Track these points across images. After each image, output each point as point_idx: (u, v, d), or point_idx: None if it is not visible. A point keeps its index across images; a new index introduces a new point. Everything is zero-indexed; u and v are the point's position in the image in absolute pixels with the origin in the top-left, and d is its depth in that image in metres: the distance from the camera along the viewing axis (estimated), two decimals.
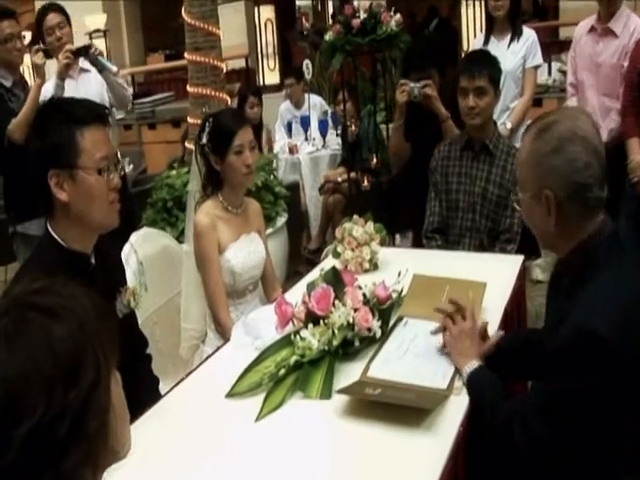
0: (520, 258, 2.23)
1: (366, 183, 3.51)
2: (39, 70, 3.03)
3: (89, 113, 1.41)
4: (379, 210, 3.31)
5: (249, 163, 2.09)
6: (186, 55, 3.54)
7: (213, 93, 3.48)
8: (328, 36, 3.39)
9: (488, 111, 2.50)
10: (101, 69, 3.38)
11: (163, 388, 1.72)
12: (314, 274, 2.01)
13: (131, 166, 5.02)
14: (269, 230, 3.36)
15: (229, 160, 2.08)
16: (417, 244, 2.92)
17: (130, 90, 3.92)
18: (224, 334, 1.99)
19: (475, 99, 2.45)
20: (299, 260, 4.15)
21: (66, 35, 3.30)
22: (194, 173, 2.27)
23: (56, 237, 1.43)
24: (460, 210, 2.57)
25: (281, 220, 3.53)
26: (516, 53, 3.40)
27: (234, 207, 2.17)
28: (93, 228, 1.46)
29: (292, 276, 3.57)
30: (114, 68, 3.48)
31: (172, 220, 3.34)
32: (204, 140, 2.11)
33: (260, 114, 4.67)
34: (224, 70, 3.61)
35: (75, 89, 3.41)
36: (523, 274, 2.23)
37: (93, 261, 1.50)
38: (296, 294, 1.80)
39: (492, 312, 1.78)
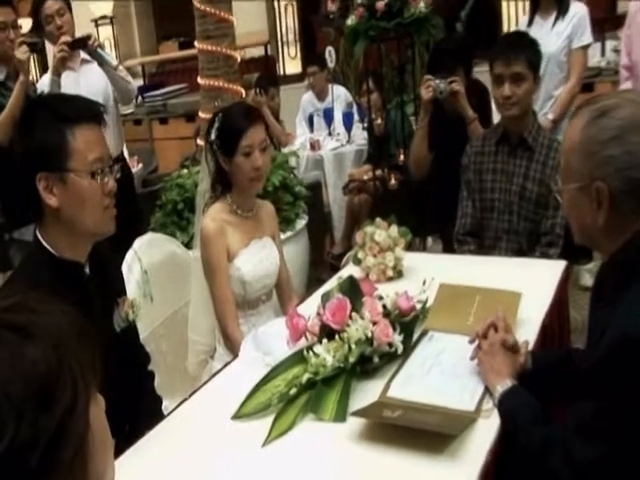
0: (562, 264, 2.19)
1: (393, 182, 3.49)
2: (23, 66, 3.04)
3: (81, 111, 1.42)
4: (408, 211, 3.30)
5: (258, 166, 2.09)
6: (196, 44, 3.56)
7: (226, 85, 3.49)
8: (350, 20, 3.38)
9: (526, 100, 2.47)
10: (101, 62, 3.42)
11: (169, 406, 1.73)
12: (332, 283, 2.00)
13: (140, 165, 5.09)
14: (288, 234, 3.37)
15: (236, 161, 2.09)
16: (448, 248, 2.90)
17: (136, 83, 3.95)
18: (233, 349, 2.00)
19: (511, 87, 2.42)
20: (322, 266, 4.14)
21: (67, 23, 3.32)
22: (204, 171, 2.29)
23: (46, 245, 1.44)
24: (495, 211, 2.54)
25: (301, 223, 3.53)
26: (560, 33, 3.33)
27: (244, 210, 2.17)
28: (86, 236, 1.47)
29: (314, 284, 3.56)
30: (114, 62, 3.52)
31: (183, 224, 3.36)
32: (212, 137, 2.12)
33: (279, 104, 4.68)
34: (238, 60, 3.63)
35: (76, 82, 3.45)
36: (566, 282, 2.19)
37: (87, 271, 1.51)
38: (314, 305, 1.79)
39: (528, 326, 1.75)
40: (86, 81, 3.48)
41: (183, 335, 2.28)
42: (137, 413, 1.65)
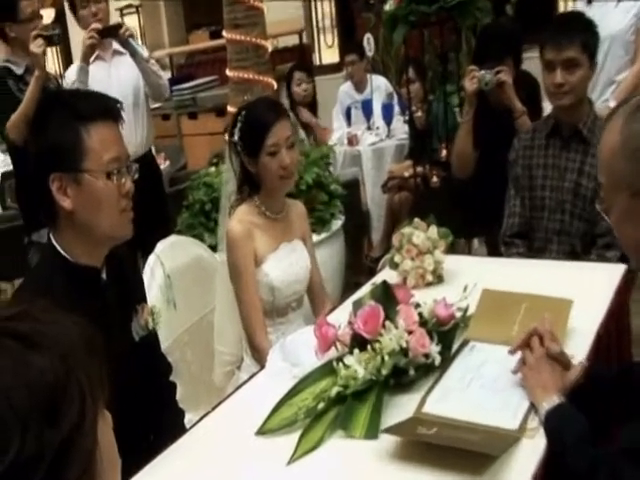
0: (621, 267, 2.14)
1: (435, 179, 3.47)
2: (38, 60, 3.10)
3: (96, 107, 1.45)
4: (451, 210, 3.28)
5: (286, 164, 2.10)
6: (224, 34, 3.59)
7: (256, 77, 3.51)
8: (388, 5, 3.37)
9: (581, 88, 2.42)
10: (132, 53, 3.48)
11: (193, 419, 1.75)
12: (366, 289, 1.99)
13: (167, 162, 5.16)
14: (322, 235, 3.37)
15: (263, 161, 2.10)
16: (494, 251, 2.87)
17: (167, 76, 4.01)
18: (260, 360, 2.00)
19: (564, 74, 2.38)
20: (359, 270, 4.14)
21: (102, 11, 3.38)
22: (229, 172, 2.30)
23: (60, 250, 1.47)
24: (546, 210, 2.51)
25: (337, 223, 3.54)
26: (627, 10, 3.23)
27: (273, 212, 2.18)
28: (102, 240, 1.49)
29: (350, 289, 3.55)
30: (145, 53, 3.58)
31: (210, 225, 3.38)
32: (236, 137, 2.13)
33: (312, 93, 4.68)
34: (269, 50, 3.64)
35: (106, 73, 3.52)
36: (626, 287, 2.14)
37: (104, 277, 1.54)
38: (347, 312, 1.79)
39: (580, 336, 1.72)
40: (117, 73, 3.55)
41: (209, 343, 2.30)
42: (158, 426, 1.68)
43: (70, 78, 3.45)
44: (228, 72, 3.61)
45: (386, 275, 2.19)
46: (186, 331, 2.28)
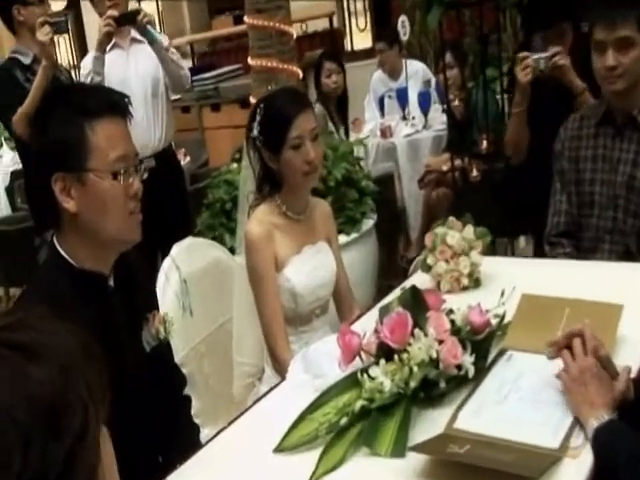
0: None
1: (475, 173, 3.46)
2: (45, 49, 3.15)
3: (102, 102, 1.47)
4: (493, 206, 3.26)
5: (311, 158, 2.11)
6: (246, 19, 3.62)
7: (280, 66, 3.54)
8: None
9: (635, 70, 2.38)
10: (151, 41, 3.53)
11: (211, 435, 1.77)
12: (395, 294, 2.00)
13: (188, 158, 5.22)
14: (353, 236, 3.38)
15: (285, 156, 2.11)
16: (541, 251, 2.84)
17: (187, 65, 4.06)
18: (282, 372, 2.02)
19: (616, 55, 2.34)
20: (394, 272, 4.14)
21: None
22: (247, 171, 2.32)
23: (64, 255, 1.49)
24: (597, 206, 2.48)
25: (369, 223, 3.54)
26: None
27: (295, 212, 2.19)
28: (108, 244, 1.52)
29: (385, 293, 3.54)
30: (165, 41, 3.62)
31: (232, 226, 3.40)
32: (255, 132, 2.15)
33: (343, 85, 4.68)
34: (294, 36, 3.67)
35: (124, 62, 3.58)
36: None
37: (112, 283, 1.56)
38: (376, 319, 1.79)
39: (631, 345, 1.70)
40: (135, 62, 3.60)
41: (227, 354, 2.32)
42: (171, 443, 1.70)
43: (86, 68, 3.51)
44: (250, 60, 3.65)
45: (418, 279, 2.20)
46: (203, 340, 2.30)
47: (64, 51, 7.80)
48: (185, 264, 2.29)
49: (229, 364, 2.32)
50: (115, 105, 1.50)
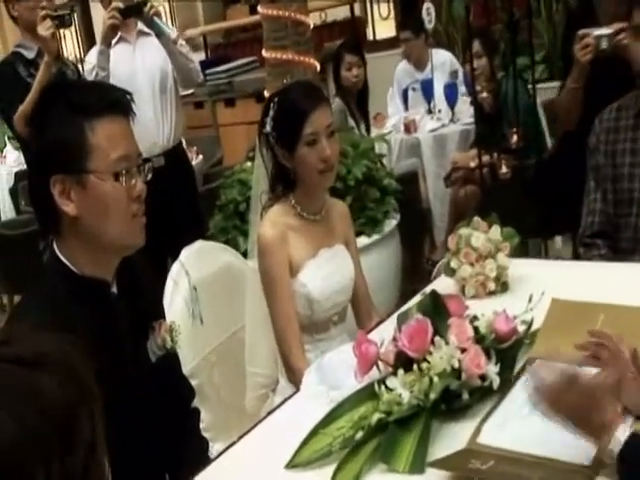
0: None
1: (505, 169, 3.44)
2: (47, 43, 3.18)
3: (102, 100, 1.48)
4: (525, 205, 3.25)
5: (327, 156, 2.11)
6: (259, 9, 3.63)
7: (296, 58, 3.54)
8: None
9: None
10: (158, 33, 3.55)
11: (220, 449, 1.78)
12: (415, 300, 1.99)
13: (200, 157, 5.24)
14: (374, 237, 3.39)
15: (300, 154, 2.12)
16: (577, 253, 2.82)
17: (200, 57, 4.08)
18: (297, 382, 2.02)
19: None
20: (419, 276, 4.12)
21: None
22: (259, 170, 2.33)
23: (64, 260, 1.51)
24: (636, 204, 2.46)
25: (391, 223, 3.54)
26: None
27: (311, 212, 2.20)
28: (110, 249, 1.53)
29: (409, 298, 3.53)
30: (173, 34, 3.65)
31: (245, 228, 3.41)
32: (268, 128, 2.16)
33: (364, 78, 4.68)
34: (310, 26, 3.67)
35: (130, 56, 3.61)
36: None
37: (115, 290, 1.58)
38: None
39: None
40: (142, 55, 3.63)
41: (239, 364, 2.33)
42: (179, 458, 1.71)
43: (90, 63, 3.54)
44: (264, 53, 3.65)
45: (442, 284, 2.19)
46: (214, 350, 2.31)
47: (70, 44, 7.85)
48: (195, 269, 2.30)
49: (241, 375, 2.33)
50: (116, 103, 1.51)
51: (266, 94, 3.70)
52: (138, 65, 3.63)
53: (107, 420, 0.85)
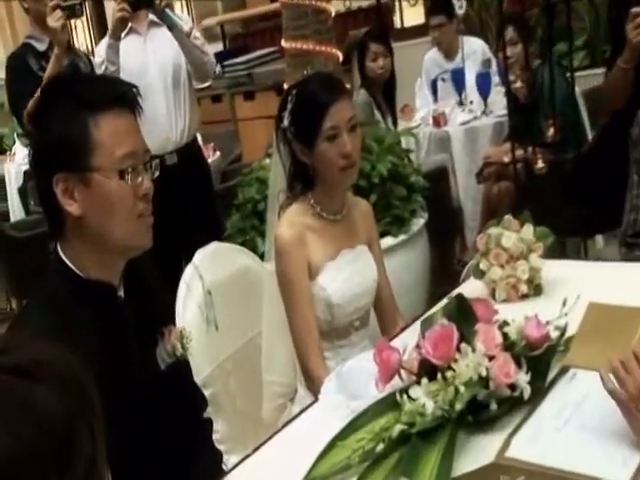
0: None
1: (540, 164, 3.42)
2: (56, 35, 3.21)
3: (106, 94, 1.49)
4: (563, 201, 3.22)
5: (348, 151, 2.11)
6: None
7: (317, 48, 3.55)
8: None
9: None
10: (170, 26, 3.58)
11: (235, 462, 1.78)
12: (441, 304, 1.99)
13: (217, 153, 5.26)
14: (400, 238, 3.39)
15: (319, 149, 2.12)
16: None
17: (213, 48, 4.09)
18: (316, 391, 2.02)
19: None
20: (449, 278, 4.10)
21: None
22: (277, 167, 2.34)
23: (69, 263, 1.52)
24: None
25: (418, 223, 3.54)
26: None
27: (331, 212, 2.20)
28: (115, 251, 1.54)
29: (437, 301, 3.51)
30: (186, 26, 3.67)
31: (264, 229, 3.42)
32: (285, 122, 2.16)
33: (390, 69, 4.67)
34: (332, 14, 3.68)
35: (141, 49, 3.64)
36: None
37: (122, 293, 1.59)
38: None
39: None
40: (153, 48, 3.66)
41: (257, 372, 2.33)
42: (190, 471, 1.71)
43: (99, 57, 3.58)
44: (283, 43, 3.67)
45: (471, 287, 2.18)
46: (230, 357, 2.32)
47: (81, 35, 7.91)
48: (209, 272, 2.31)
49: (258, 383, 2.33)
50: (122, 97, 1.51)
51: (285, 86, 3.71)
52: (149, 57, 3.66)
53: (109, 427, 0.85)
